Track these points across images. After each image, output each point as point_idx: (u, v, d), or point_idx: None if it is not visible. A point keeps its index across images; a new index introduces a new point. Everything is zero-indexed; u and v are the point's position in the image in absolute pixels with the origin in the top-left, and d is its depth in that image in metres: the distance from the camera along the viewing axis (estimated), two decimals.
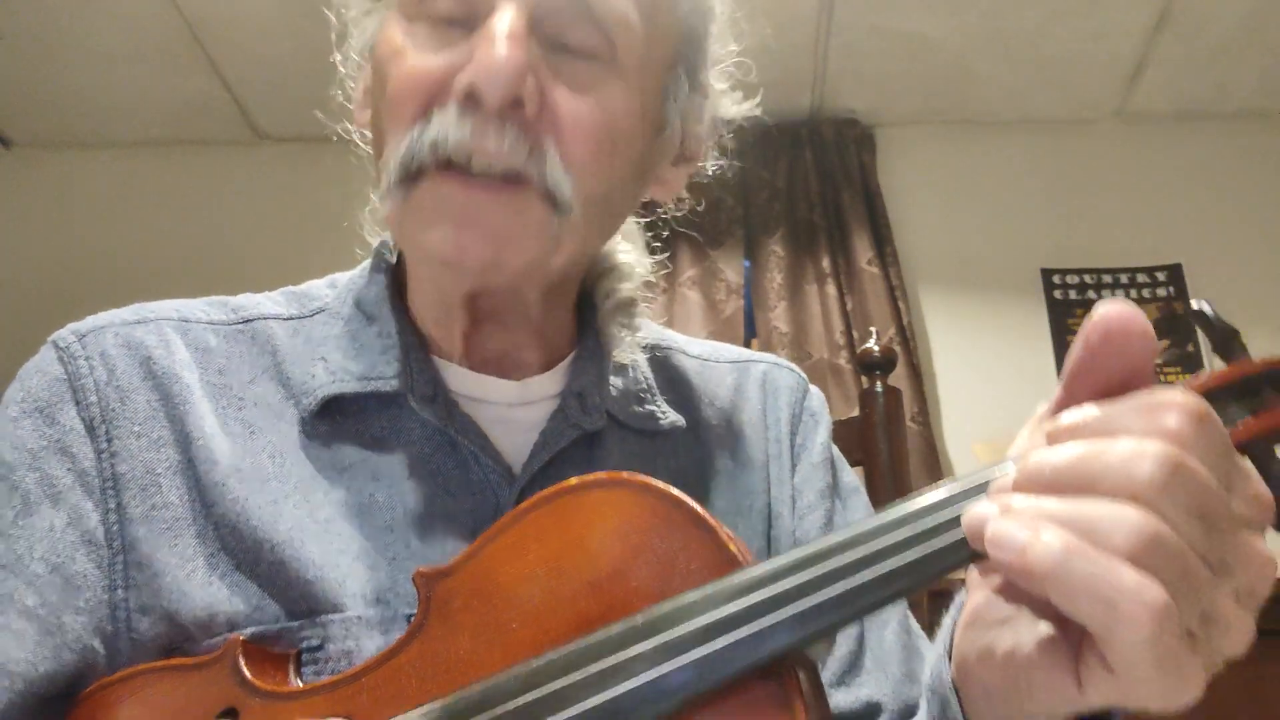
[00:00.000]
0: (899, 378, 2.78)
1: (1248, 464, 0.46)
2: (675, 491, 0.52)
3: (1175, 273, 3.11)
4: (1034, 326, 3.09)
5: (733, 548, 0.51)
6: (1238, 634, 0.42)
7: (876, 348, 1.41)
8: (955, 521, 0.45)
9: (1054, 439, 0.45)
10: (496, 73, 0.60)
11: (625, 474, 0.54)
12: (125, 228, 3.18)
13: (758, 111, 0.80)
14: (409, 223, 0.64)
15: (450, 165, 0.62)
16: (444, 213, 0.62)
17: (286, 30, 2.75)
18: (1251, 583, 0.43)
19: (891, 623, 0.77)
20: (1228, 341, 0.51)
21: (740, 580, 0.48)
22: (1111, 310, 0.45)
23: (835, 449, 0.85)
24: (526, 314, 0.72)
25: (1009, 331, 3.09)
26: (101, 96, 3.05)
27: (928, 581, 0.46)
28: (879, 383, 1.36)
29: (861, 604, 0.46)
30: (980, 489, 0.46)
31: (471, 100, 0.61)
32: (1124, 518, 0.40)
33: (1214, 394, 0.48)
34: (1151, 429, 0.42)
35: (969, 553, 0.45)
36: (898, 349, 2.89)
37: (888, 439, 1.31)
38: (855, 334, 2.96)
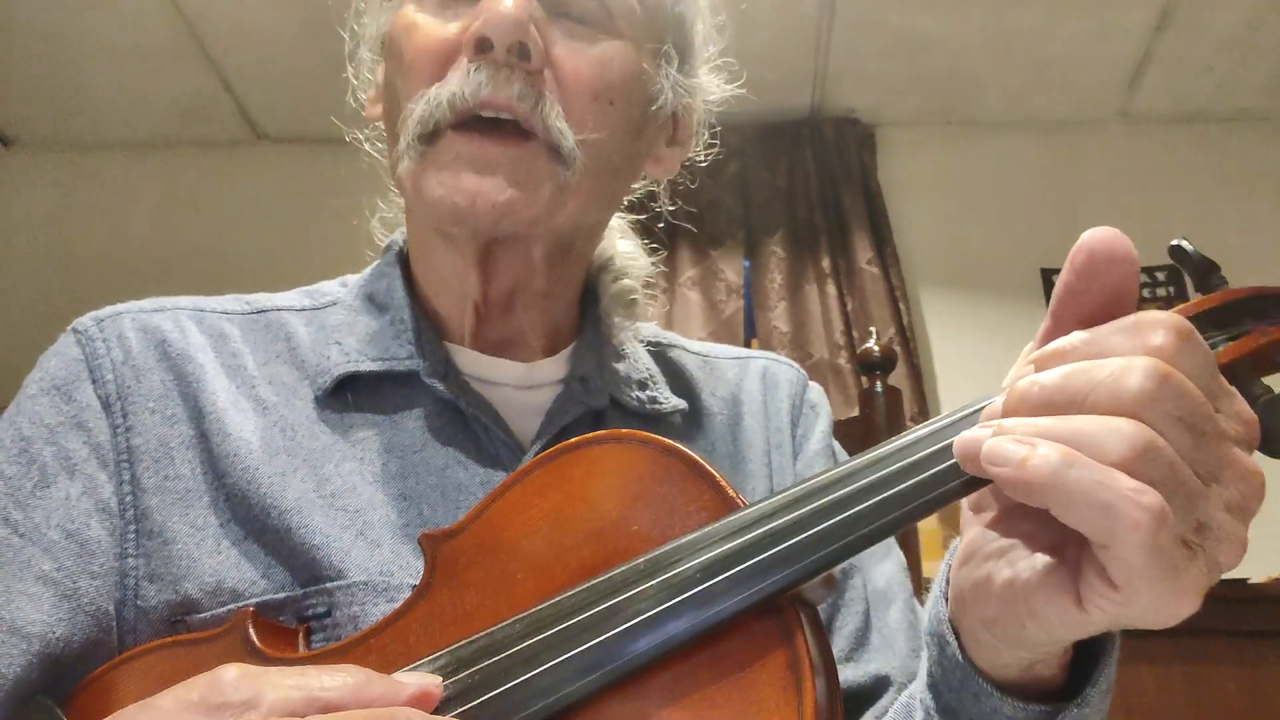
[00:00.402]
0: (899, 378, 2.78)
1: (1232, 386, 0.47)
2: (672, 442, 0.54)
3: (1175, 273, 3.11)
4: (1034, 326, 2.99)
5: (730, 491, 0.52)
6: (1232, 545, 0.43)
7: (876, 348, 1.41)
8: (947, 451, 0.46)
9: (1041, 365, 0.46)
10: (503, 18, 0.65)
11: (624, 430, 0.56)
12: (126, 228, 3.18)
13: (743, 91, 0.83)
14: (427, 175, 0.68)
15: (465, 124, 0.67)
16: (461, 163, 0.67)
17: (286, 30, 2.75)
18: (1242, 495, 0.44)
19: (897, 601, 0.78)
20: (1207, 275, 0.52)
21: (737, 519, 0.49)
22: (1096, 234, 0.46)
23: (836, 442, 0.86)
24: (533, 287, 0.74)
25: (1009, 331, 3.08)
26: (102, 96, 3.05)
27: (922, 512, 0.47)
28: (879, 383, 1.36)
29: (857, 536, 0.47)
30: (971, 418, 0.47)
31: (482, 48, 0.66)
32: (1116, 429, 0.41)
33: (1195, 319, 0.49)
34: (1138, 346, 0.43)
35: (962, 480, 0.46)
36: (898, 349, 2.89)
37: (888, 439, 1.31)
38: (855, 334, 2.96)
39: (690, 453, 0.53)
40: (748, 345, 3.02)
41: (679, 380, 0.83)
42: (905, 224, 3.16)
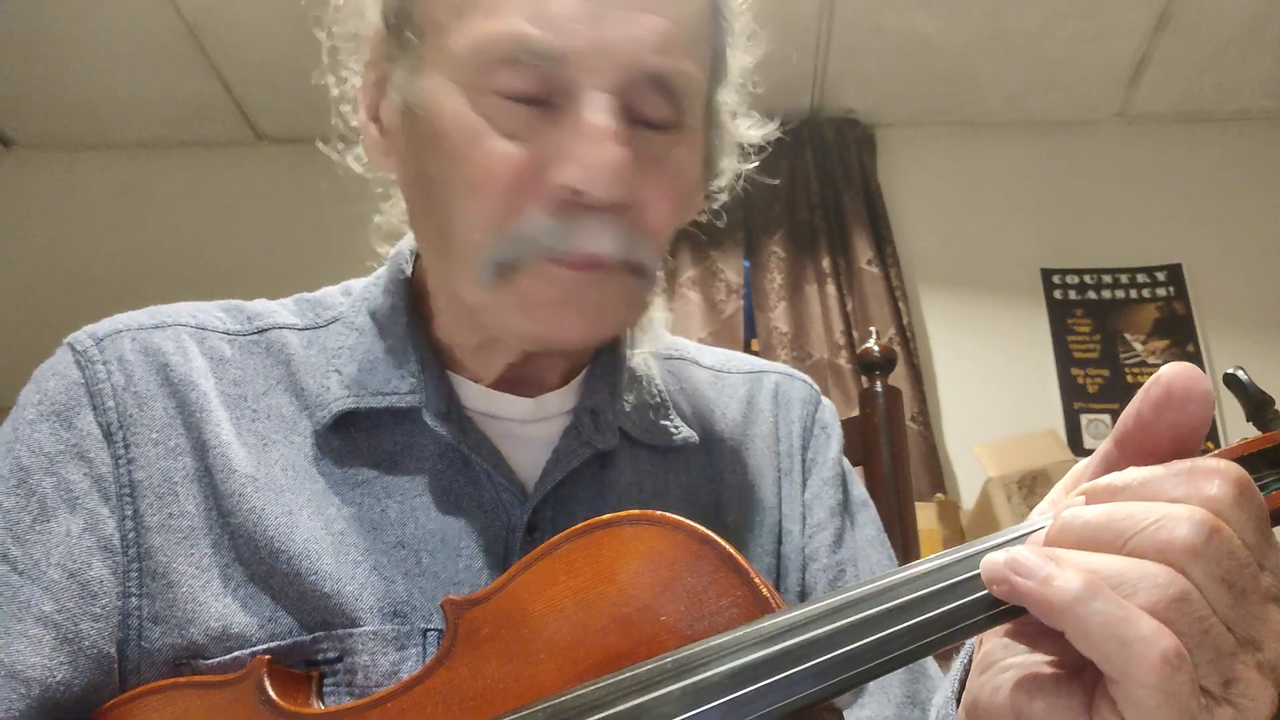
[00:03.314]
0: (899, 378, 2.78)
1: (1277, 537, 0.46)
2: (706, 531, 0.53)
3: (1175, 273, 3.11)
4: (1034, 326, 3.09)
5: (764, 590, 0.51)
6: (1261, 703, 0.42)
7: (876, 348, 1.40)
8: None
9: (1091, 498, 0.45)
10: (609, 176, 0.59)
11: (657, 512, 0.54)
12: (126, 228, 3.18)
13: (778, 133, 0.79)
14: (507, 311, 0.64)
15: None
16: (547, 299, 0.62)
17: (286, 31, 2.75)
18: (1278, 657, 0.43)
19: None
20: (1262, 409, 0.52)
21: (770, 626, 0.47)
22: (1177, 371, 0.45)
23: (846, 462, 0.84)
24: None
25: (1009, 331, 3.09)
26: (101, 96, 3.05)
27: (959, 637, 0.45)
28: (879, 383, 1.35)
29: (890, 658, 0.46)
30: (1014, 543, 0.46)
31: (575, 198, 0.60)
32: (1152, 574, 0.41)
33: (1250, 460, 0.48)
34: (1191, 494, 0.43)
35: (1000, 609, 0.45)
36: (898, 349, 2.89)
37: (888, 439, 1.31)
38: (855, 334, 2.96)
39: (723, 543, 0.52)
40: (747, 345, 3.03)
41: (690, 401, 0.81)
42: (905, 224, 3.16)
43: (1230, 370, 0.53)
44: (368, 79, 0.71)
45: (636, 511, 0.55)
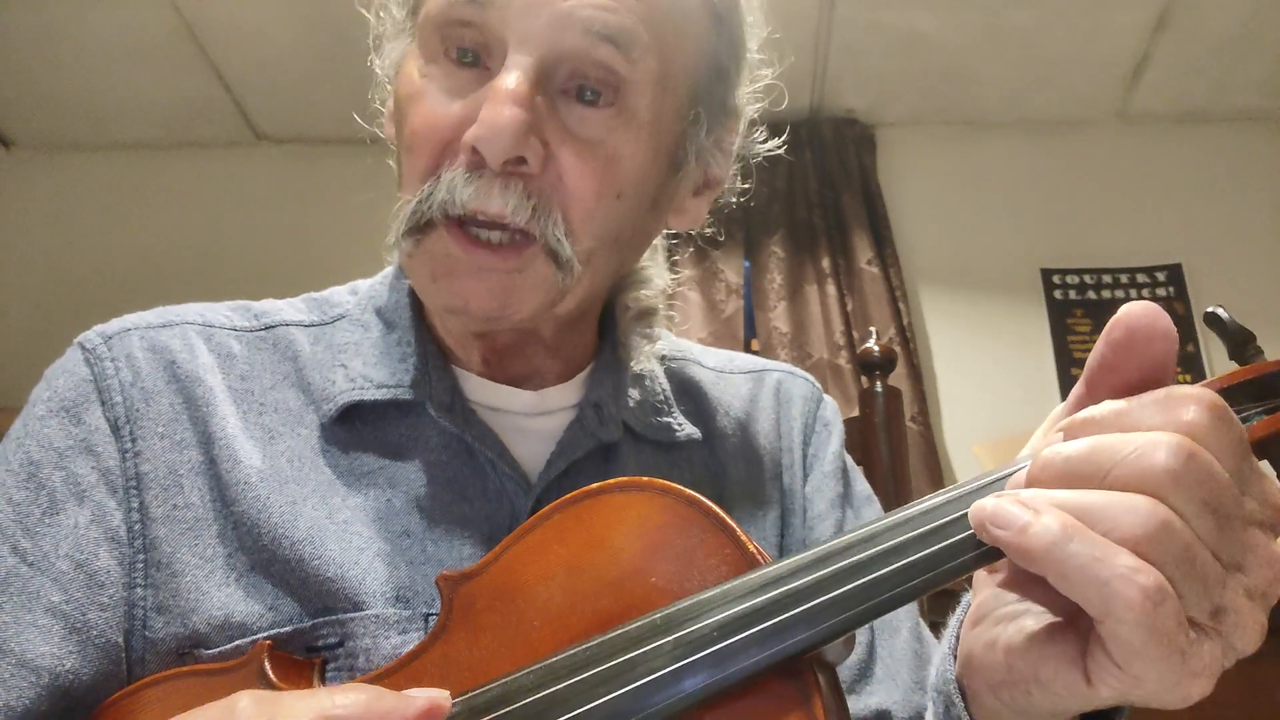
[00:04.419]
0: (899, 378, 2.78)
1: (1263, 465, 0.46)
2: (693, 494, 0.53)
3: (1175, 273, 3.11)
4: (1034, 326, 3.09)
5: (750, 547, 0.51)
6: (1249, 630, 0.42)
7: (876, 348, 1.41)
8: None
9: (1070, 433, 0.45)
10: (499, 133, 0.60)
11: (644, 478, 0.55)
12: (125, 229, 3.18)
13: (781, 151, 0.80)
14: (417, 271, 0.67)
15: (457, 220, 0.64)
16: (448, 267, 0.64)
17: (286, 31, 2.75)
18: (1266, 582, 0.42)
19: (903, 630, 0.77)
20: (1243, 345, 0.52)
21: (756, 577, 0.48)
22: (1135, 310, 0.45)
23: (848, 458, 0.85)
24: (542, 343, 0.74)
25: (1009, 331, 3.09)
26: (101, 97, 3.05)
27: (944, 579, 0.46)
28: (879, 383, 1.36)
29: (877, 600, 0.46)
30: (997, 484, 0.47)
31: (476, 159, 0.62)
32: (1132, 506, 0.41)
33: (1230, 392, 0.48)
34: (1168, 421, 0.42)
35: (984, 549, 0.45)
36: (898, 349, 2.89)
37: (888, 439, 1.31)
38: (855, 334, 2.96)
39: (711, 505, 0.53)
40: (747, 345, 3.03)
41: (693, 400, 0.82)
42: (905, 224, 3.16)
43: (1210, 309, 0.53)
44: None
45: (625, 479, 0.56)
